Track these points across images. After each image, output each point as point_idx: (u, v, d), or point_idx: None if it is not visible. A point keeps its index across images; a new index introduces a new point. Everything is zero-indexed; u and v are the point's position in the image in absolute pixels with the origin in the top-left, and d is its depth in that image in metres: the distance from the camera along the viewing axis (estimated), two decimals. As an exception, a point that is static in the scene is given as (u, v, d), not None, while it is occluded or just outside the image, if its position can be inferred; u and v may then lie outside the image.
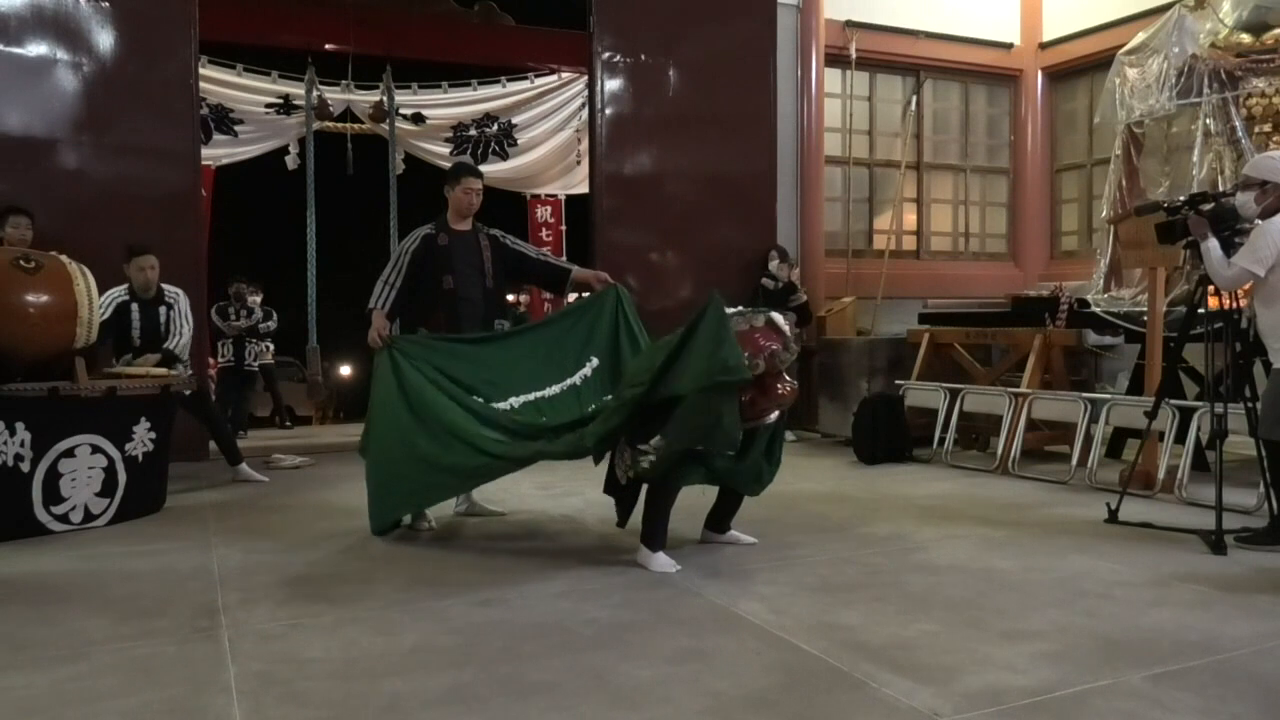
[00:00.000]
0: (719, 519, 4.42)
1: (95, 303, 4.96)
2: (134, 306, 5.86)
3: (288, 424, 10.82)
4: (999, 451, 6.54)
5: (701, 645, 3.02)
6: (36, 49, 6.72)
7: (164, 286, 5.98)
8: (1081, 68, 10.34)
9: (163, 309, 5.92)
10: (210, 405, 6.36)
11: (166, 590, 3.71)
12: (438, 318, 4.77)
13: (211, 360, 8.61)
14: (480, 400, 4.46)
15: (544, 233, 10.98)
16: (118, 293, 5.86)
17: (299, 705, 2.58)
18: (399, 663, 2.89)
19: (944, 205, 10.83)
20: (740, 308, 4.10)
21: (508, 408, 4.50)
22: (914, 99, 10.39)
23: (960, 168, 10.85)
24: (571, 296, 5.50)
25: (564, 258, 11.11)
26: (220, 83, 9.00)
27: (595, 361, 4.75)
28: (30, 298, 4.75)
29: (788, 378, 3.98)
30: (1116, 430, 6.56)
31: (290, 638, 3.13)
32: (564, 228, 11.01)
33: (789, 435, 8.16)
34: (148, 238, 6.17)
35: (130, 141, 6.94)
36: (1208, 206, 4.44)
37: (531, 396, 4.59)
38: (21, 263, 4.79)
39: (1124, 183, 7.72)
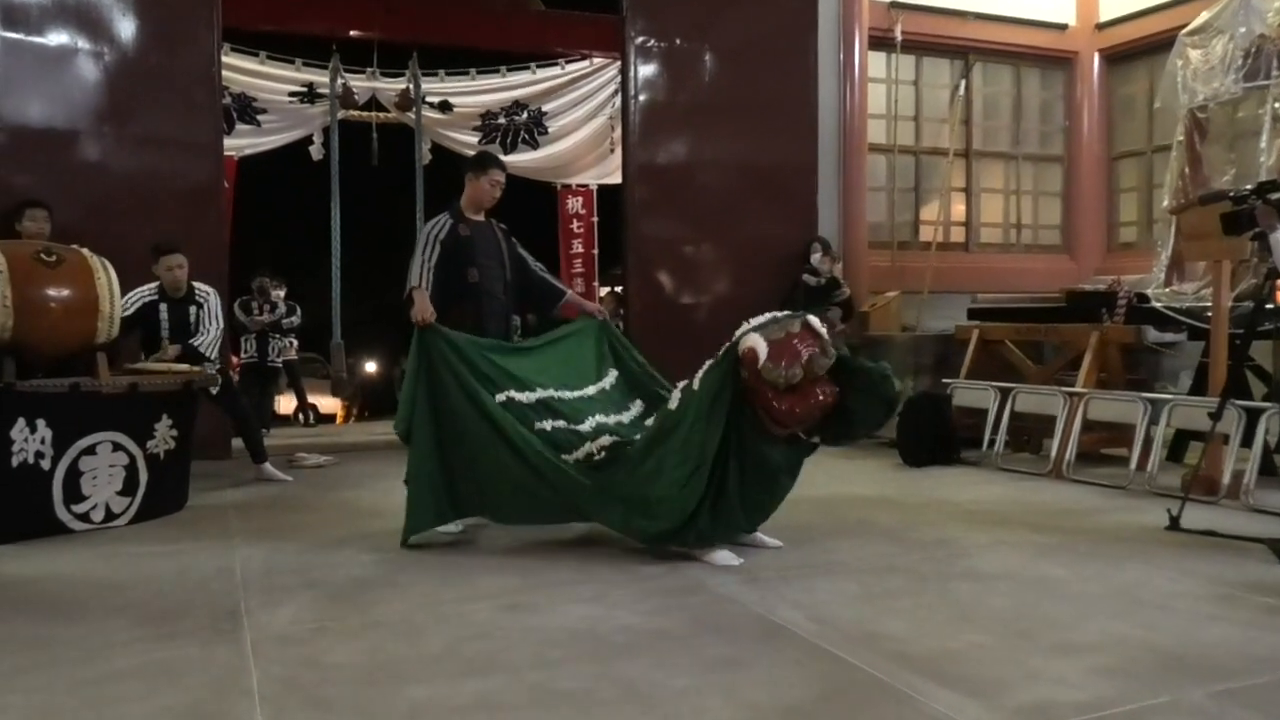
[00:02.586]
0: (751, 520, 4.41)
1: (117, 297, 5.03)
2: (163, 306, 5.93)
3: (311, 422, 10.94)
4: (1052, 454, 6.47)
5: (738, 654, 3.01)
6: (57, 38, 6.83)
7: (195, 285, 6.06)
8: (1141, 49, 10.19)
9: (193, 308, 6.00)
10: (240, 401, 6.45)
11: (188, 592, 3.76)
12: (461, 311, 4.77)
13: (235, 358, 8.72)
14: (514, 398, 4.47)
15: (574, 224, 11.01)
16: (146, 291, 5.94)
17: (322, 711, 2.60)
18: (425, 668, 2.91)
19: (994, 195, 10.73)
20: (774, 314, 4.10)
21: (558, 398, 4.52)
22: (963, 83, 10.29)
23: (1011, 155, 10.73)
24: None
25: (596, 251, 11.20)
26: (243, 71, 9.12)
27: (614, 373, 4.88)
28: (52, 292, 4.82)
29: (827, 382, 3.97)
30: (1178, 432, 6.46)
31: (314, 642, 3.16)
32: (595, 219, 11.03)
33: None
34: (169, 230, 6.26)
35: (152, 132, 7.05)
36: (1276, 195, 4.36)
37: (575, 394, 4.62)
38: (43, 256, 4.86)
39: (1187, 170, 7.61)
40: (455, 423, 4.40)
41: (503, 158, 5.64)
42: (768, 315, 4.07)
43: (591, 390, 4.72)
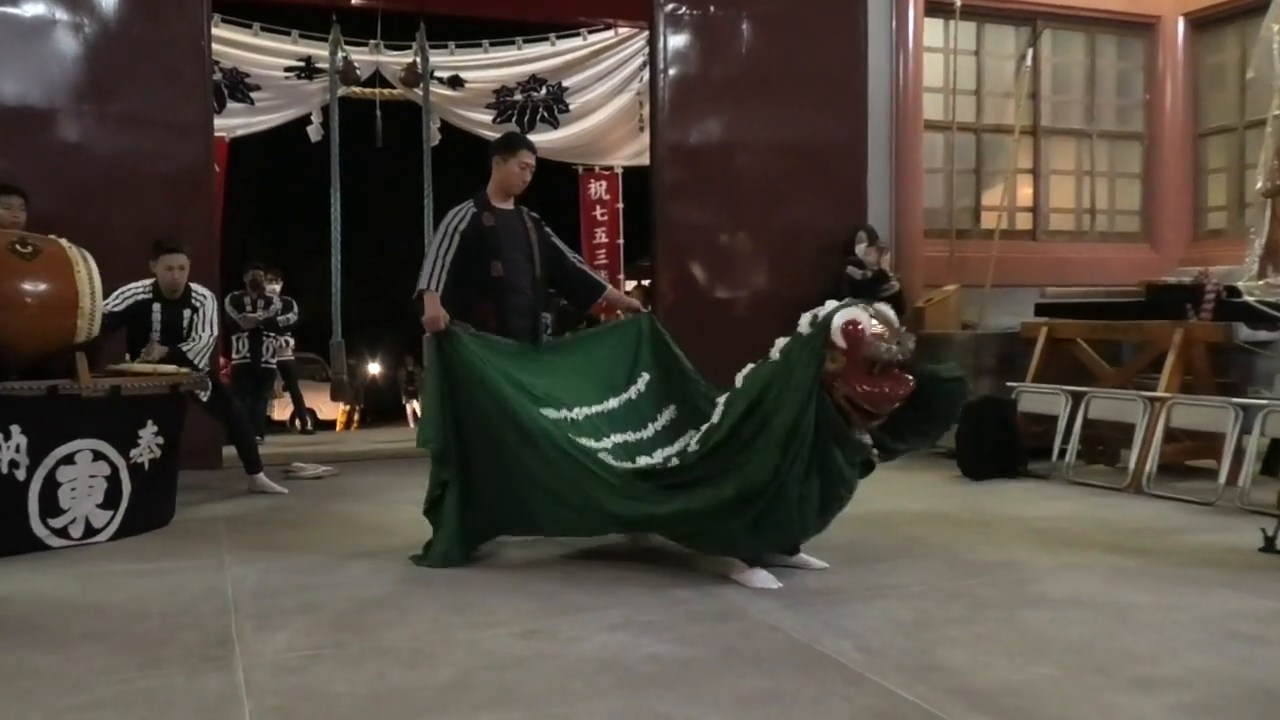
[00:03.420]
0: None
1: (98, 292, 5.07)
2: (156, 306, 6.00)
3: (309, 429, 11.02)
4: (1131, 466, 6.41)
5: (778, 687, 3.00)
6: (33, 9, 6.92)
7: (192, 287, 6.13)
8: (1231, 13, 10.07)
9: (187, 311, 6.06)
10: (234, 405, 6.52)
11: (175, 614, 3.79)
12: (483, 308, 4.80)
13: (223, 359, 8.79)
14: (552, 411, 4.52)
15: (598, 211, 11.04)
16: (139, 288, 6.01)
17: (321, 747, 2.62)
18: (433, 700, 2.92)
19: (1065, 177, 10.63)
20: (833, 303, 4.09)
21: (575, 418, 4.56)
22: (1030, 53, 10.20)
23: (1085, 133, 10.63)
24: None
25: (621, 240, 11.21)
26: (235, 44, 9.20)
27: (646, 376, 4.91)
28: (27, 286, 4.87)
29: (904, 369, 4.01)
30: (1274, 442, 6.39)
31: (311, 670, 3.18)
32: (620, 205, 11.04)
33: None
34: (155, 218, 6.34)
35: (135, 111, 7.12)
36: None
37: (593, 410, 4.66)
38: (18, 247, 4.90)
39: (1284, 149, 7.51)
40: (485, 436, 4.45)
41: (527, 139, 5.68)
42: (830, 304, 4.09)
43: (614, 403, 4.75)
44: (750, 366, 4.29)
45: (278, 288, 9.87)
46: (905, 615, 3.71)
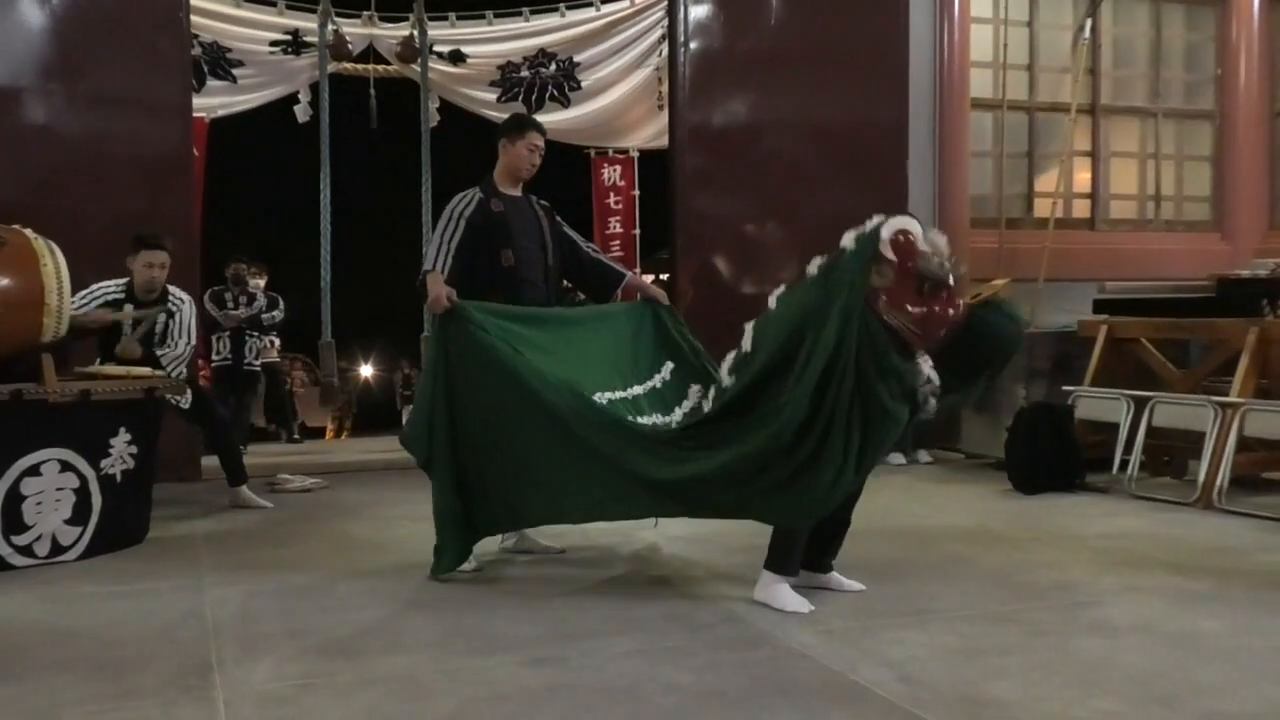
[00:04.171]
0: (819, 551, 4.38)
1: (66, 287, 5.07)
2: (128, 308, 6.01)
3: (296, 437, 11.06)
4: (1200, 479, 6.38)
5: (811, 722, 2.99)
6: (-4, -22, 6.96)
7: (170, 289, 6.14)
8: (1312, -21, 10.03)
9: (163, 316, 6.07)
10: (216, 412, 6.54)
11: (150, 641, 3.80)
12: (494, 301, 4.82)
13: (201, 360, 8.83)
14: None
15: (612, 198, 11.04)
16: (111, 287, 6.01)
17: (308, 785, 2.63)
18: (431, 735, 2.92)
19: (1127, 160, 10.60)
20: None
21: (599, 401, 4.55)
22: (1089, 23, 10.17)
23: (1149, 112, 10.59)
24: None
25: (637, 231, 11.21)
26: (215, 16, 9.22)
27: (671, 365, 4.93)
28: (-11, 281, 4.89)
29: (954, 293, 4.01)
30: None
31: (299, 702, 3.19)
32: (637, 192, 11.04)
33: (923, 455, 8.13)
34: (128, 206, 6.37)
35: (107, 90, 7.16)
36: None
37: (616, 395, 4.66)
38: (-21, 238, 4.94)
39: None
40: (499, 422, 4.47)
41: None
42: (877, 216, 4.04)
43: (639, 390, 4.76)
44: (783, 288, 4.23)
45: (262, 283, 9.90)
46: (950, 642, 3.70)
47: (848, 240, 4.02)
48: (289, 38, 9.47)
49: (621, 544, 5.35)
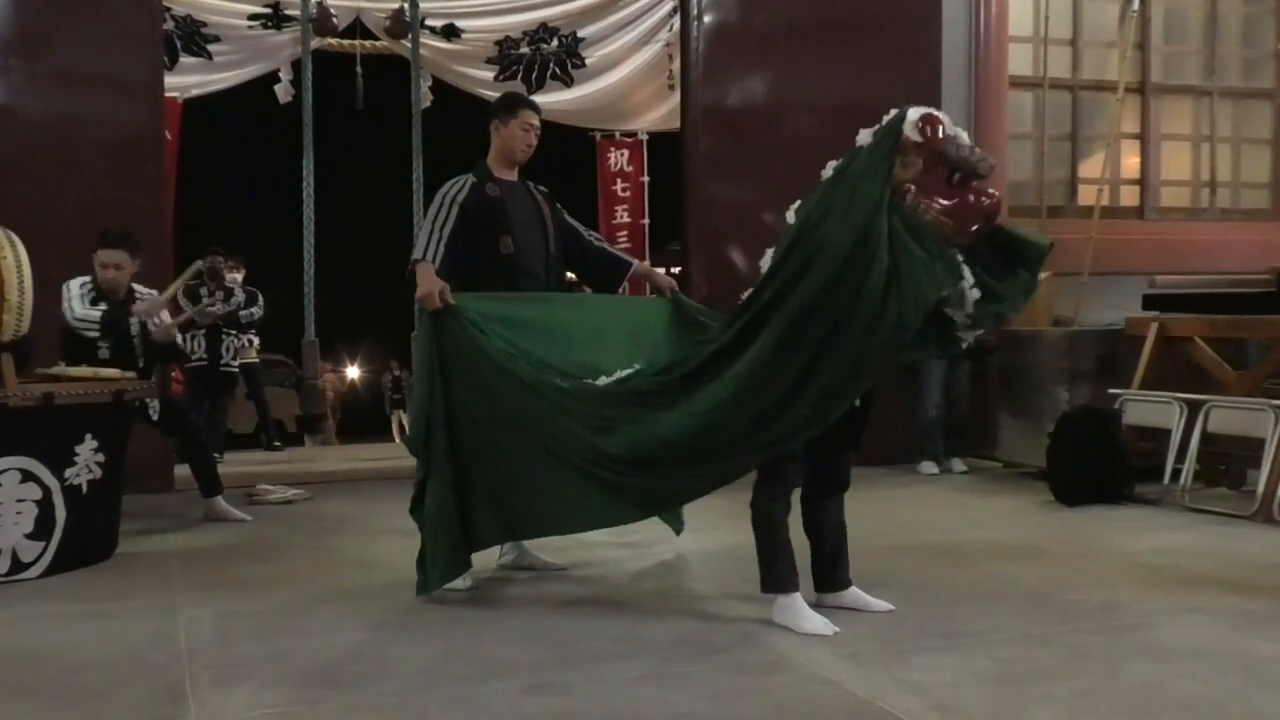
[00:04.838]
0: (827, 565, 4.38)
1: (27, 281, 5.08)
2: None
3: (276, 444, 11.07)
4: (1259, 489, 6.37)
5: (835, 754, 2.99)
6: (-47, -52, 6.99)
7: (136, 288, 6.16)
8: (1381, -54, 10.01)
9: (134, 320, 6.09)
10: (190, 418, 6.55)
11: (118, 665, 3.80)
12: (493, 290, 4.83)
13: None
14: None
15: (618, 185, 11.03)
16: (86, 285, 6.03)
17: (289, 822, 2.63)
18: (422, 768, 2.92)
19: (1179, 143, 10.60)
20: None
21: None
22: (1137, -6, 10.17)
23: (1203, 90, 10.58)
24: None
25: (646, 220, 11.21)
26: (189, -13, 9.24)
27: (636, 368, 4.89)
28: (-56, 275, 4.91)
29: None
30: None
31: (278, 731, 3.19)
32: (645, 179, 11.04)
33: (958, 464, 8.12)
34: (96, 193, 6.38)
35: (72, 67, 7.18)
36: None
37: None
38: (-67, 229, 4.96)
39: None
40: (495, 424, 4.48)
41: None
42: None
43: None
44: (799, 202, 4.21)
45: (240, 277, 9.92)
46: (987, 667, 3.70)
47: (864, 136, 4.10)
48: (269, 11, 9.47)
49: (629, 560, 5.36)
